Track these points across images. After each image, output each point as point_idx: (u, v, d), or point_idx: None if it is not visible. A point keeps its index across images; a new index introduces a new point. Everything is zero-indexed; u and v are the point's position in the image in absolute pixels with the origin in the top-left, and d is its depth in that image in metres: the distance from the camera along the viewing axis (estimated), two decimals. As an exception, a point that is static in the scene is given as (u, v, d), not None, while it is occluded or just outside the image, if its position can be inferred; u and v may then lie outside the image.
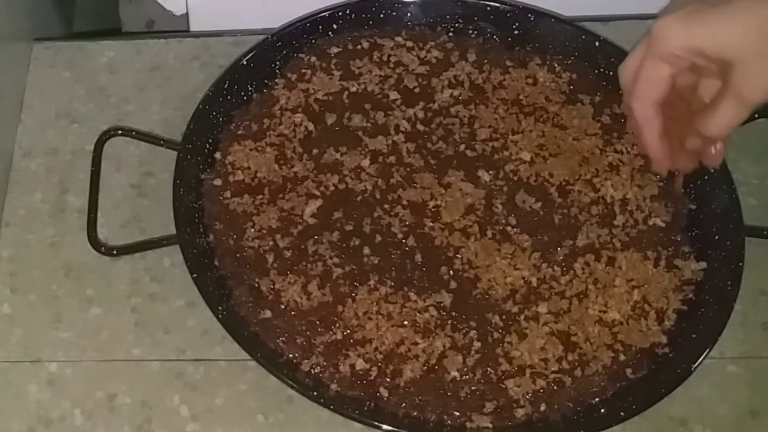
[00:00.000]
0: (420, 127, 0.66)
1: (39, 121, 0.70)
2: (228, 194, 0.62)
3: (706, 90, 0.48)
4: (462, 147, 0.65)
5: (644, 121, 0.47)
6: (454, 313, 0.58)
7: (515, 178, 0.63)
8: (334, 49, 0.69)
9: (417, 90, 0.67)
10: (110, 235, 0.63)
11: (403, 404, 0.55)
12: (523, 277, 0.59)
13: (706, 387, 0.57)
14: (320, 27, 0.69)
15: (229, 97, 0.66)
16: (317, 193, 0.62)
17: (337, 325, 0.57)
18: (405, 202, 0.62)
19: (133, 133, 0.66)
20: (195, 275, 0.57)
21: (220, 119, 0.66)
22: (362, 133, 0.65)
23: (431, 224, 0.61)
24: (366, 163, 0.64)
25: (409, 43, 0.70)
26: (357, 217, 0.61)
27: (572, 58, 0.69)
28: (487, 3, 0.69)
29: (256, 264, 0.59)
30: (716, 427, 0.56)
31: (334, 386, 0.55)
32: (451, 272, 0.59)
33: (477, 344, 0.56)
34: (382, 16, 0.70)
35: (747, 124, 0.66)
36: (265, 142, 0.65)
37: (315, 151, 0.64)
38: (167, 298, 0.61)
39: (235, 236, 0.61)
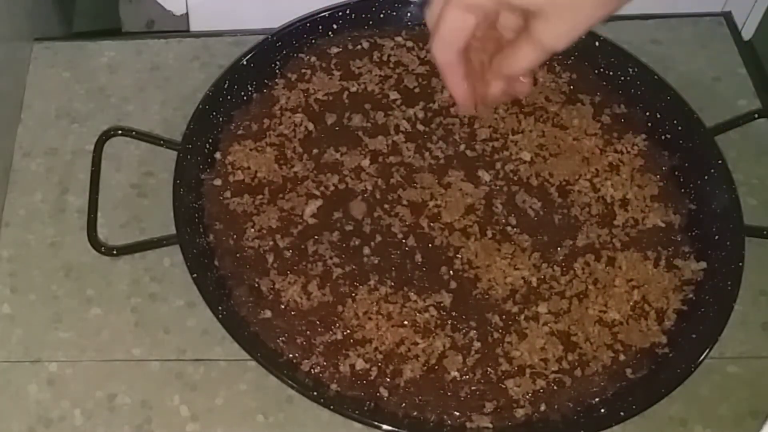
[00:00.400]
0: (420, 127, 0.66)
1: (39, 121, 0.70)
2: (228, 194, 0.62)
3: (506, 26, 0.48)
4: (462, 147, 0.65)
5: (447, 68, 0.47)
6: (454, 313, 0.58)
7: (515, 178, 0.63)
8: (334, 49, 0.69)
9: (417, 90, 0.67)
10: (110, 235, 0.63)
11: (403, 404, 0.55)
12: (523, 277, 0.59)
13: (706, 387, 0.57)
14: (320, 27, 0.69)
15: (229, 97, 0.66)
16: (317, 193, 0.62)
17: (337, 325, 0.57)
18: (405, 202, 0.62)
19: (133, 133, 0.66)
20: (195, 275, 0.57)
21: (220, 119, 0.66)
22: (362, 133, 0.65)
23: (431, 224, 0.61)
24: (366, 163, 0.64)
25: (409, 43, 0.70)
26: (357, 217, 0.61)
27: (572, 58, 0.69)
28: (487, 3, 0.69)
29: (256, 264, 0.59)
30: (716, 427, 0.56)
31: (334, 386, 0.55)
32: (451, 272, 0.59)
33: (477, 344, 0.56)
34: (382, 16, 0.70)
35: (747, 124, 0.66)
36: (265, 142, 0.65)
37: (315, 151, 0.64)
38: (167, 298, 0.61)
39: (235, 236, 0.61)
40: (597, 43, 0.68)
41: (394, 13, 0.70)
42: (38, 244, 0.64)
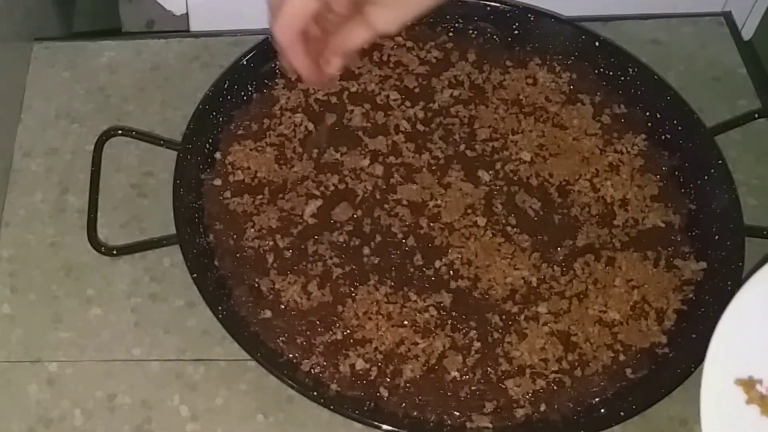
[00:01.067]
0: (420, 127, 0.66)
1: (39, 121, 0.70)
2: (228, 194, 0.62)
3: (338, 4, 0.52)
4: (462, 147, 0.65)
5: (289, 47, 0.51)
6: (454, 313, 0.58)
7: (515, 178, 0.63)
8: (334, 49, 0.69)
9: (417, 90, 0.67)
10: (110, 235, 0.63)
11: (403, 404, 0.55)
12: (523, 277, 0.59)
13: (706, 387, 0.57)
14: (320, 27, 0.69)
15: (229, 97, 0.66)
16: (317, 193, 0.62)
17: (337, 325, 0.57)
18: (405, 202, 0.62)
19: (133, 133, 0.66)
20: (195, 275, 0.57)
21: (220, 119, 0.66)
22: (362, 133, 0.65)
23: (431, 224, 0.61)
24: (366, 163, 0.64)
25: (409, 43, 0.70)
26: (357, 217, 0.61)
27: (572, 58, 0.69)
28: (487, 3, 0.69)
29: (256, 264, 0.59)
30: (716, 427, 0.56)
31: (334, 386, 0.55)
32: (451, 272, 0.59)
33: (477, 344, 0.56)
34: (382, 16, 0.70)
35: (747, 124, 0.66)
36: (265, 142, 0.65)
37: (315, 151, 0.64)
38: (167, 298, 0.61)
39: (235, 236, 0.61)
40: (597, 43, 0.68)
41: (394, 13, 0.70)
42: (38, 244, 0.64)
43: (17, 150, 0.68)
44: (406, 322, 0.57)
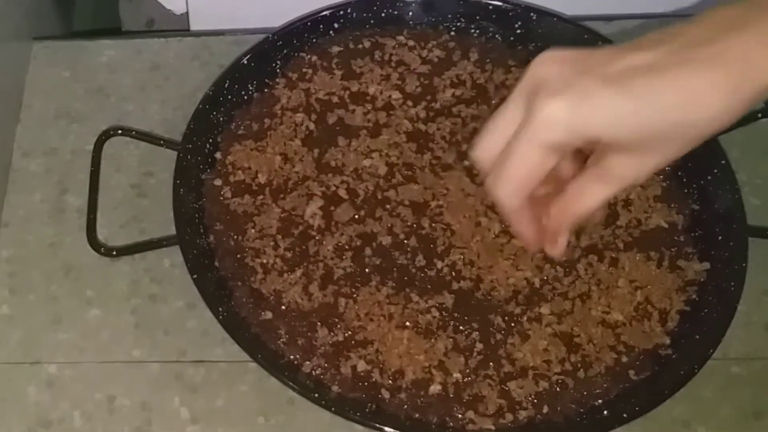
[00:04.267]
0: (422, 126, 0.65)
1: (38, 120, 0.69)
2: (228, 194, 0.62)
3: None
4: (464, 147, 0.64)
5: (514, 213, 0.40)
6: (456, 315, 0.57)
7: (517, 178, 0.63)
8: (336, 49, 0.69)
9: (419, 89, 0.67)
10: (110, 236, 0.63)
11: (405, 406, 0.54)
12: (525, 278, 0.59)
13: (710, 388, 0.57)
14: (321, 26, 0.69)
15: (229, 97, 0.66)
16: (318, 193, 0.62)
17: (339, 326, 0.57)
18: (407, 203, 0.62)
19: (133, 133, 0.66)
20: (195, 276, 0.57)
21: (221, 119, 0.65)
22: (364, 133, 0.65)
23: (433, 225, 0.61)
24: (367, 163, 0.63)
25: (411, 42, 0.69)
26: (358, 218, 0.61)
27: (574, 57, 0.68)
28: (490, 2, 0.69)
29: (256, 265, 0.59)
30: (719, 428, 0.56)
31: (335, 388, 0.55)
32: (453, 273, 0.59)
33: (479, 345, 0.56)
34: (383, 15, 0.70)
35: (750, 124, 0.66)
36: (266, 142, 0.64)
37: (316, 150, 0.64)
38: (167, 299, 0.61)
39: (235, 237, 0.60)
40: (600, 43, 0.68)
41: (396, 12, 0.70)
42: (38, 245, 0.63)
43: (16, 150, 0.68)
44: (408, 324, 0.57)
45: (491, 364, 0.56)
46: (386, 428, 0.53)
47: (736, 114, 0.35)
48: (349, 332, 0.56)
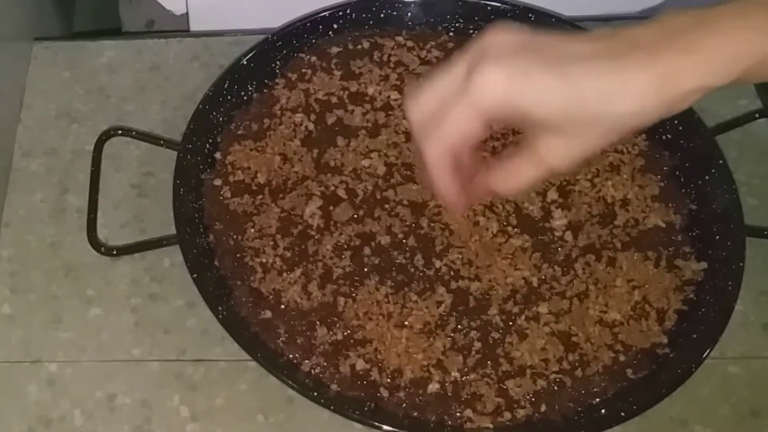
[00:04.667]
0: (420, 127, 0.65)
1: (39, 121, 0.70)
2: (228, 194, 0.62)
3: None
4: (462, 147, 0.64)
5: (437, 169, 0.41)
6: (454, 314, 0.57)
7: (516, 178, 0.63)
8: (335, 49, 0.69)
9: (417, 90, 0.67)
10: (110, 235, 0.63)
11: (404, 405, 0.54)
12: (523, 278, 0.59)
13: (707, 387, 0.57)
14: (321, 27, 0.69)
15: (229, 97, 0.66)
16: (317, 193, 0.62)
17: (338, 325, 0.57)
18: (405, 202, 0.62)
19: (133, 133, 0.66)
20: (195, 275, 0.57)
21: (220, 119, 0.66)
22: (363, 133, 0.65)
23: (431, 224, 0.61)
24: (366, 163, 0.64)
25: (410, 43, 0.70)
26: (357, 217, 0.61)
27: (573, 58, 0.69)
28: (488, 3, 0.69)
29: (256, 264, 0.59)
30: (717, 427, 0.56)
31: (334, 386, 0.55)
32: (451, 272, 0.59)
33: (477, 344, 0.56)
34: (382, 15, 0.70)
35: (748, 124, 0.66)
36: (266, 142, 0.65)
37: (315, 150, 0.64)
38: (167, 298, 0.61)
39: (235, 236, 0.60)
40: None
41: (395, 13, 0.70)
42: (38, 244, 0.63)
43: (17, 150, 0.68)
44: (406, 323, 0.57)
45: (489, 362, 0.56)
46: (385, 426, 0.53)
47: (656, 113, 0.38)
48: (348, 331, 0.57)
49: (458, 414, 0.54)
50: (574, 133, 0.39)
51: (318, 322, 0.57)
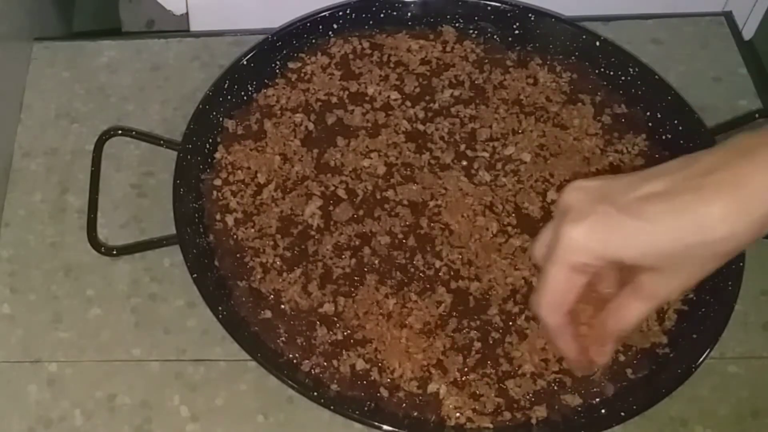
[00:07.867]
0: (420, 127, 0.66)
1: (39, 120, 0.70)
2: (228, 194, 0.62)
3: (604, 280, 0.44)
4: (462, 147, 0.64)
5: (556, 330, 0.43)
6: (454, 314, 0.57)
7: (516, 178, 0.63)
8: (335, 49, 0.69)
9: (417, 90, 0.67)
10: (110, 235, 0.63)
11: (404, 405, 0.54)
12: (523, 278, 0.59)
13: (707, 387, 0.57)
14: (321, 27, 0.69)
15: (229, 97, 0.66)
16: (317, 193, 0.62)
17: (338, 325, 0.57)
18: (405, 202, 0.62)
19: (133, 133, 0.66)
20: (195, 275, 0.57)
21: (220, 119, 0.66)
22: (363, 133, 0.65)
23: (431, 224, 0.61)
24: (366, 163, 0.64)
25: (410, 43, 0.70)
26: (357, 217, 0.61)
27: (573, 57, 0.69)
28: (488, 3, 0.69)
29: (256, 264, 0.59)
30: (717, 427, 0.56)
31: (334, 386, 0.55)
32: (451, 272, 0.59)
33: (477, 344, 0.56)
34: (382, 15, 0.70)
35: (748, 124, 0.66)
36: (266, 142, 0.65)
37: (315, 150, 0.64)
38: (167, 298, 0.61)
39: (235, 236, 0.60)
40: (597, 43, 0.68)
41: (395, 13, 0.70)
42: (38, 244, 0.64)
43: (17, 150, 0.68)
44: (406, 323, 0.57)
45: (489, 362, 0.56)
46: (385, 426, 0.53)
47: (750, 234, 0.37)
48: (348, 331, 0.57)
49: (458, 414, 0.54)
50: (673, 268, 0.39)
51: (318, 322, 0.57)
